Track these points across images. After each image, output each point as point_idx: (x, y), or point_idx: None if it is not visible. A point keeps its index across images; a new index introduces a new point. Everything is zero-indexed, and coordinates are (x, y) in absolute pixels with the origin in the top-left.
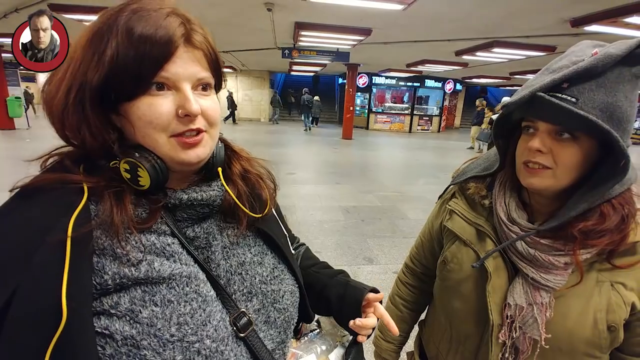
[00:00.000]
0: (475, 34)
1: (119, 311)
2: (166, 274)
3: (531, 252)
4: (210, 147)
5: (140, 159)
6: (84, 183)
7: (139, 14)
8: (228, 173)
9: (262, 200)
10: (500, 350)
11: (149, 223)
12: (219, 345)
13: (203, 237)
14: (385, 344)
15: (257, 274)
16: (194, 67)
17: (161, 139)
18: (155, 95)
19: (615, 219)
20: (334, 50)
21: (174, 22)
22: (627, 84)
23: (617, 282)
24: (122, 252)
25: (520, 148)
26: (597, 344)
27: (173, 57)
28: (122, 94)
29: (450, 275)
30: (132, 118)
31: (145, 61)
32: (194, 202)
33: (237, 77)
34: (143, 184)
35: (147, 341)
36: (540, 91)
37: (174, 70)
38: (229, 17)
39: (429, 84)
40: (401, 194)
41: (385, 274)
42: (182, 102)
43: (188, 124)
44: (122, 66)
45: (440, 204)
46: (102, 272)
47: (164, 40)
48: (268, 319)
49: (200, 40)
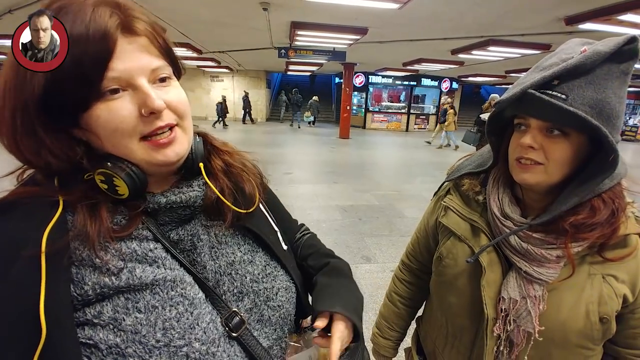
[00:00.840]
0: (471, 33)
1: (102, 320)
2: (149, 280)
3: (524, 246)
4: (188, 141)
5: (113, 169)
6: (59, 196)
7: (64, 11)
8: (209, 168)
9: (247, 195)
10: (495, 344)
11: (129, 230)
12: (209, 347)
13: (187, 239)
14: (383, 340)
15: (247, 272)
16: (144, 58)
17: (132, 144)
18: (111, 100)
19: (605, 212)
20: (331, 49)
21: (104, 14)
22: (615, 80)
23: (608, 275)
24: (101, 262)
25: (512, 144)
26: (589, 336)
27: (115, 52)
28: (73, 105)
29: (445, 270)
30: (95, 129)
31: (85, 63)
32: (174, 205)
33: (234, 77)
34: (122, 192)
35: (132, 348)
36: (531, 88)
37: (122, 67)
38: (224, 17)
39: (426, 83)
40: (398, 193)
41: (383, 272)
42: (142, 100)
43: (155, 122)
44: (60, 75)
45: (435, 200)
46: (82, 283)
47: (98, 36)
48: (262, 317)
49: (142, 27)
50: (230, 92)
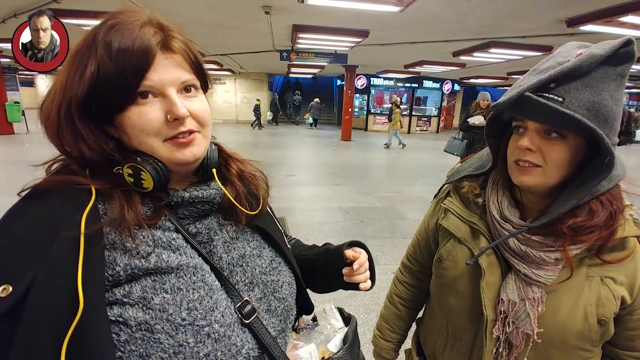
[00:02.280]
0: (472, 35)
1: (131, 299)
2: (174, 264)
3: (523, 248)
4: (205, 146)
5: (142, 163)
6: (91, 185)
7: (116, 28)
8: (225, 174)
9: (257, 198)
10: (494, 345)
11: (155, 220)
12: (226, 330)
13: (205, 232)
14: (384, 342)
15: (257, 265)
16: (176, 72)
17: (156, 144)
18: (142, 104)
19: (603, 215)
20: (332, 52)
21: (148, 32)
22: (612, 83)
23: (606, 277)
24: (132, 245)
25: (511, 147)
26: (587, 337)
27: (152, 65)
28: (111, 106)
29: (445, 272)
30: (125, 128)
31: (127, 73)
32: (195, 199)
33: (236, 80)
34: (146, 186)
35: (160, 325)
36: (528, 91)
37: (156, 78)
38: (227, 20)
39: (427, 85)
40: (400, 195)
41: (385, 274)
42: (169, 107)
43: (179, 127)
44: (104, 81)
45: (435, 202)
46: (113, 265)
47: (141, 51)
48: (269, 307)
49: (178, 45)
50: (232, 94)
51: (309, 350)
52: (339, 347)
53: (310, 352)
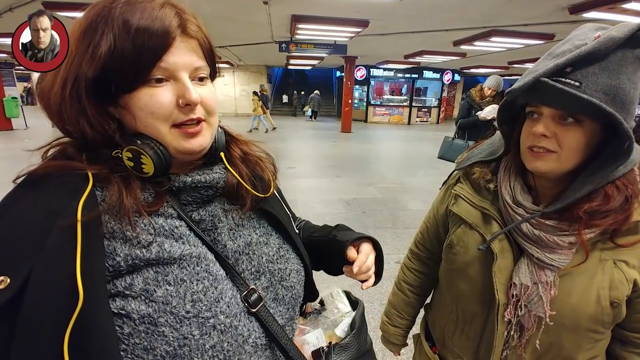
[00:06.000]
0: (473, 23)
1: (133, 292)
2: (177, 255)
3: (536, 233)
4: (211, 135)
5: (142, 146)
6: (88, 170)
7: (133, 5)
8: (228, 156)
9: (265, 181)
10: (505, 328)
11: (156, 206)
12: (232, 320)
13: (209, 219)
14: (393, 329)
15: (263, 253)
16: (191, 57)
17: (163, 129)
18: (154, 87)
19: (619, 199)
20: (332, 42)
21: (169, 13)
22: (629, 66)
23: (619, 260)
24: (132, 234)
25: (524, 133)
26: (600, 320)
27: (171, 47)
28: (120, 85)
29: (456, 258)
30: (133, 109)
31: (144, 53)
32: (198, 184)
33: (234, 73)
34: (147, 170)
35: (164, 318)
36: (544, 76)
37: (172, 61)
38: (224, 11)
39: (427, 75)
40: (401, 186)
41: (387, 263)
42: (182, 92)
43: (189, 114)
44: (119, 59)
45: (445, 189)
46: (113, 255)
47: (161, 32)
48: (277, 296)
49: (195, 30)
50: (230, 87)
51: (316, 335)
52: (347, 333)
53: (318, 337)
